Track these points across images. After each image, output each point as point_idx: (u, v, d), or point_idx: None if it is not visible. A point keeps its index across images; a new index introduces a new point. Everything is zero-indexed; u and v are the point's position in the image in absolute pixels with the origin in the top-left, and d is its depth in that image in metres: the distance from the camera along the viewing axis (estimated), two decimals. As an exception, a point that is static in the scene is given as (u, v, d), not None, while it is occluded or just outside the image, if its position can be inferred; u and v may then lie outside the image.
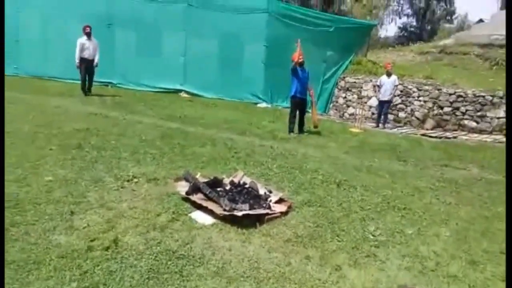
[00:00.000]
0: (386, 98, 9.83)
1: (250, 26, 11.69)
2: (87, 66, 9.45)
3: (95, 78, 9.94)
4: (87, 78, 9.62)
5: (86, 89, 9.62)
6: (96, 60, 9.61)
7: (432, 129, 9.92)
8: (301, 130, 7.92)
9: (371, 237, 3.39)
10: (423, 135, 9.15)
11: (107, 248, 2.75)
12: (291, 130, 7.74)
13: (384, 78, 9.91)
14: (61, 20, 11.73)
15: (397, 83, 9.85)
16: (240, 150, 5.90)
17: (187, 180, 3.91)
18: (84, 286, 2.33)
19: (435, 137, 8.95)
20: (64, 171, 4.20)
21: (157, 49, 12.18)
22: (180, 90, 12.08)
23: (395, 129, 9.80)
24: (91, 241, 2.84)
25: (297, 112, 7.83)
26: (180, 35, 11.96)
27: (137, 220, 3.22)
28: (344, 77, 12.07)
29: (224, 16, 11.69)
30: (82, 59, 9.41)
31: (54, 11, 11.83)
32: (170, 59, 12.10)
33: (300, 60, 7.64)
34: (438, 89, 10.18)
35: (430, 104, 10.19)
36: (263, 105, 11.72)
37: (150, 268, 2.57)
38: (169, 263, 2.66)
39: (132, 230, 3.06)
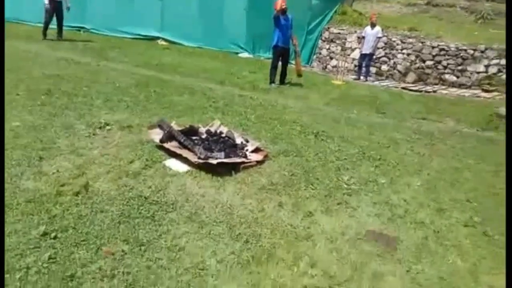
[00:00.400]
0: (367, 51, 9.66)
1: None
2: (55, 8, 8.81)
3: (65, 23, 9.32)
4: (53, 22, 8.99)
5: (57, 34, 9.05)
6: (68, 4, 8.95)
7: (413, 82, 9.91)
8: (282, 81, 7.77)
9: (345, 185, 3.44)
10: (404, 88, 9.14)
11: (77, 193, 2.70)
12: (272, 81, 7.58)
13: (368, 29, 9.67)
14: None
15: (380, 35, 9.64)
16: (219, 99, 5.77)
17: (161, 128, 3.81)
18: (53, 229, 2.30)
19: (416, 90, 8.97)
20: (32, 117, 4.02)
21: (133, -8, 11.44)
22: (158, 37, 11.55)
23: (377, 82, 9.75)
24: (61, 186, 2.77)
25: (279, 62, 7.64)
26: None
27: (108, 167, 3.16)
28: (328, 28, 11.71)
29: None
30: (51, 1, 8.75)
31: None
32: (147, 4, 11.42)
33: (282, 7, 7.29)
34: (422, 42, 10.04)
35: (413, 57, 10.09)
36: (245, 55, 11.37)
37: (122, 213, 2.56)
38: (141, 208, 2.64)
39: (104, 177, 3.00)
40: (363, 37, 9.78)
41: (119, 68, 6.92)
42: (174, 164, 3.35)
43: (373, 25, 9.58)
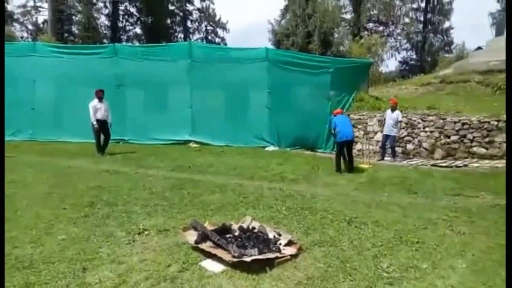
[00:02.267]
0: (387, 133, 9.95)
1: (252, 75, 12.17)
2: (101, 126, 9.80)
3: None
4: (101, 138, 9.91)
5: (103, 148, 9.87)
6: (109, 120, 9.99)
7: (442, 158, 9.85)
8: (351, 168, 8.25)
9: (385, 274, 3.33)
10: (433, 165, 9.07)
11: (118, 303, 2.77)
12: (338, 170, 8.10)
13: (388, 112, 10.08)
14: (73, 86, 12.39)
15: (400, 119, 9.98)
16: (249, 194, 5.95)
17: (195, 229, 3.95)
18: None
19: (446, 166, 8.87)
20: (76, 229, 4.29)
21: (165, 103, 12.66)
22: (189, 141, 12.37)
23: (405, 162, 9.76)
24: (103, 297, 2.86)
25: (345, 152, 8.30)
26: (186, 88, 12.48)
27: (147, 273, 3.25)
28: (348, 115, 12.24)
29: (227, 67, 12.22)
30: (97, 120, 9.77)
31: (66, 79, 12.53)
32: (178, 112, 12.53)
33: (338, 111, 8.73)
34: (443, 119, 10.23)
35: (436, 134, 10.20)
36: (271, 148, 11.87)
37: (161, 321, 2.57)
38: (179, 314, 2.66)
39: (143, 283, 3.08)
40: (384, 119, 10.15)
41: (155, 174, 7.39)
42: (209, 265, 3.41)
43: (393, 109, 10.00)
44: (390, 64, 62.91)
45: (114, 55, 12.63)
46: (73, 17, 34.18)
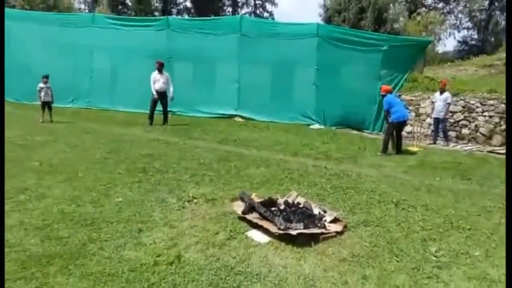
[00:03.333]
0: (436, 116, 9.48)
1: (301, 51, 11.96)
2: (159, 98, 10.09)
3: (158, 108, 10.56)
4: (160, 109, 10.23)
5: (163, 120, 10.23)
6: (170, 93, 10.22)
7: (500, 145, 9.24)
8: (399, 150, 7.97)
9: (433, 258, 3.25)
10: (490, 152, 8.55)
11: (171, 263, 2.95)
12: (384, 151, 7.82)
13: (437, 94, 9.58)
14: (127, 58, 12.89)
15: (449, 101, 9.44)
16: (294, 170, 5.98)
17: (242, 200, 4.06)
18: (152, 297, 2.52)
19: (504, 153, 8.31)
20: (131, 192, 4.57)
21: (212, 77, 12.86)
22: (235, 115, 12.54)
23: (459, 146, 9.27)
24: (157, 256, 3.06)
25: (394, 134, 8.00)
26: (234, 63, 12.54)
27: (197, 238, 3.42)
28: (399, 95, 11.74)
29: (276, 42, 12.10)
30: (157, 92, 10.04)
31: (121, 50, 13.04)
32: (225, 86, 12.68)
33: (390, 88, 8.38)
34: (505, 103, 9.51)
35: (496, 119, 9.54)
36: (316, 126, 11.74)
37: (211, 283, 2.72)
38: (227, 278, 2.78)
39: (193, 247, 3.24)
40: (433, 102, 9.67)
41: (202, 146, 7.61)
42: (256, 235, 3.51)
43: (442, 91, 9.47)
44: (448, 43, 58.76)
45: (167, 27, 12.91)
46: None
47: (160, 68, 10.04)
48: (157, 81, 9.99)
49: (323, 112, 11.97)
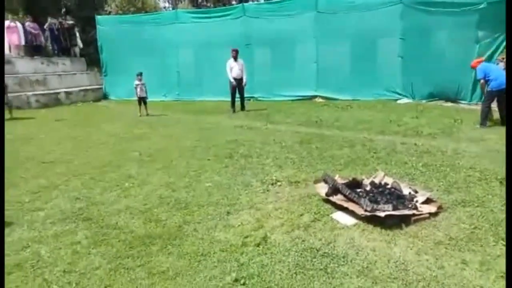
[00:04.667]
0: None
1: (383, 21, 11.14)
2: (237, 84, 10.47)
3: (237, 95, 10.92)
4: (237, 96, 10.63)
5: (241, 106, 10.63)
6: (244, 80, 10.54)
7: None
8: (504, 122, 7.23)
9: (550, 242, 2.85)
10: None
11: (258, 244, 3.07)
12: (482, 123, 7.21)
13: None
14: (209, 49, 13.43)
15: None
16: (380, 150, 5.70)
17: (326, 182, 4.01)
18: (242, 276, 2.66)
19: None
20: (219, 177, 4.83)
21: (291, 59, 12.72)
22: (315, 96, 12.32)
23: None
24: (245, 237, 3.20)
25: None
26: (311, 42, 12.25)
27: (282, 220, 3.49)
28: (503, 59, 10.28)
29: (354, 16, 11.46)
30: (235, 79, 10.44)
31: (203, 42, 13.62)
32: (303, 68, 12.49)
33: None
34: None
35: None
36: (404, 100, 10.96)
37: (297, 264, 2.76)
38: (313, 260, 2.80)
39: (279, 229, 3.32)
40: None
41: (283, 129, 7.67)
42: (341, 217, 3.45)
43: None
44: None
45: (243, 14, 13.09)
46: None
47: (236, 55, 10.32)
48: (233, 68, 10.32)
49: (411, 84, 11.09)
